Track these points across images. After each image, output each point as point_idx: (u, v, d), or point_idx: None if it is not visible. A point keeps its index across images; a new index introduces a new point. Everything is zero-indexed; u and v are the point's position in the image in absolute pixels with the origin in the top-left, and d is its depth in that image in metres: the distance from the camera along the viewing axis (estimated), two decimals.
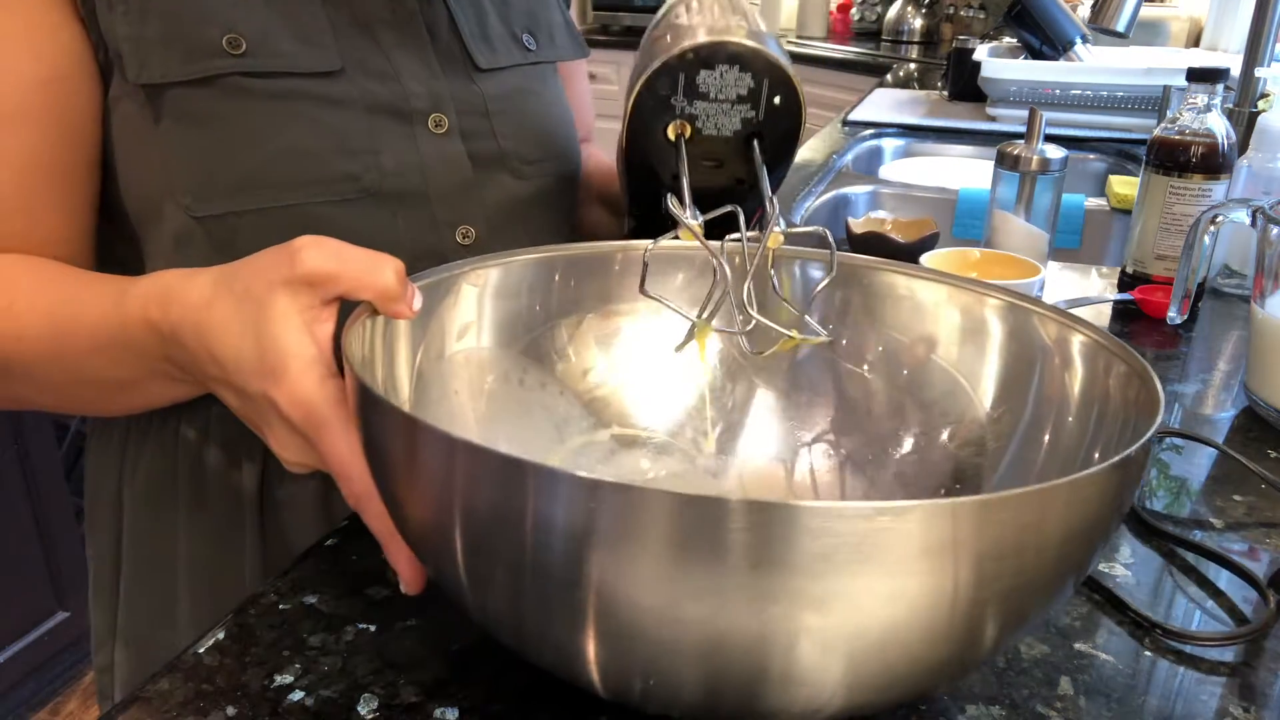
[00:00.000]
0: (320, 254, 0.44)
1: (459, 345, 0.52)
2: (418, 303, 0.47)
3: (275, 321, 0.44)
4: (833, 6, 3.32)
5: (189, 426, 0.64)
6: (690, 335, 0.54)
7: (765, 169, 0.55)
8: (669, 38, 0.55)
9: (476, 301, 0.53)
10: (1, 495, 1.57)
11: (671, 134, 0.56)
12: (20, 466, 1.59)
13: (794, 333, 0.52)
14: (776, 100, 0.56)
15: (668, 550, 0.31)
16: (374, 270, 0.44)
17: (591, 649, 0.35)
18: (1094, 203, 1.33)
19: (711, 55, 0.54)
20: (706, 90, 0.55)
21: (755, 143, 0.57)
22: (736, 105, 0.56)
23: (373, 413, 0.38)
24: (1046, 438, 0.49)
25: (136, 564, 0.68)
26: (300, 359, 0.43)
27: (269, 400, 0.44)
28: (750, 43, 0.54)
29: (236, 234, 0.58)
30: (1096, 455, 0.45)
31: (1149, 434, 0.37)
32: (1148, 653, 0.48)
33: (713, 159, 0.58)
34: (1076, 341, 0.48)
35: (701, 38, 0.54)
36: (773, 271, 0.55)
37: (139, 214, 0.59)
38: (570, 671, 0.37)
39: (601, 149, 0.87)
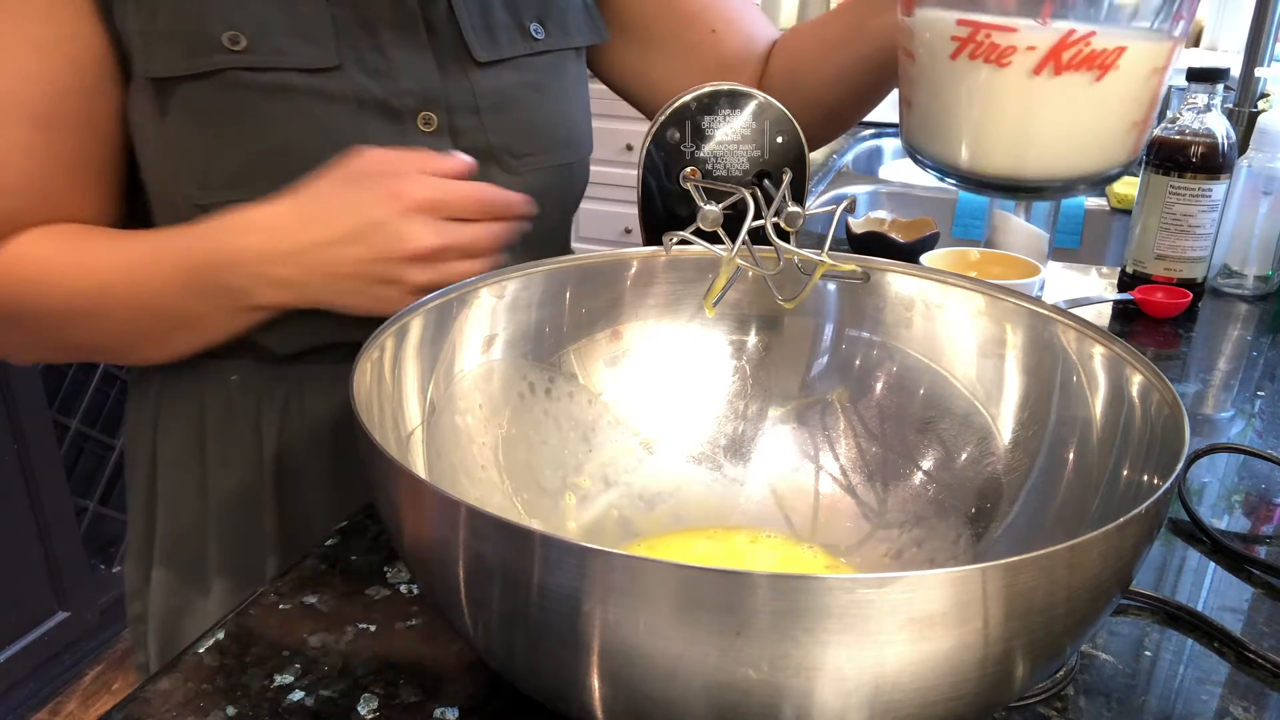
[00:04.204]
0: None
1: (479, 359, 0.52)
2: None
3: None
4: (833, 5, 3.32)
5: (214, 393, 0.68)
6: (720, 274, 0.54)
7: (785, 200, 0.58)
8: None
9: (493, 314, 0.53)
10: (1, 495, 1.57)
11: (684, 180, 0.60)
12: (20, 466, 1.59)
13: (825, 256, 0.52)
14: (779, 139, 0.60)
15: (678, 617, 0.30)
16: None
17: (597, 702, 0.35)
18: (1094, 203, 1.33)
19: (712, 100, 0.60)
20: (712, 134, 0.60)
21: (770, 179, 0.61)
22: (742, 146, 0.60)
23: (377, 463, 0.38)
24: (1071, 455, 0.48)
25: (169, 518, 0.71)
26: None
27: (410, 201, 0.54)
28: (744, 87, 0.60)
29: None
30: (1125, 472, 0.44)
31: (1173, 478, 0.36)
32: (1147, 653, 0.48)
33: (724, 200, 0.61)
34: (1098, 354, 0.47)
35: (701, 89, 0.60)
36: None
37: (155, 198, 0.63)
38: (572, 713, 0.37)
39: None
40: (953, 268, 0.88)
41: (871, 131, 1.69)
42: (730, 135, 0.60)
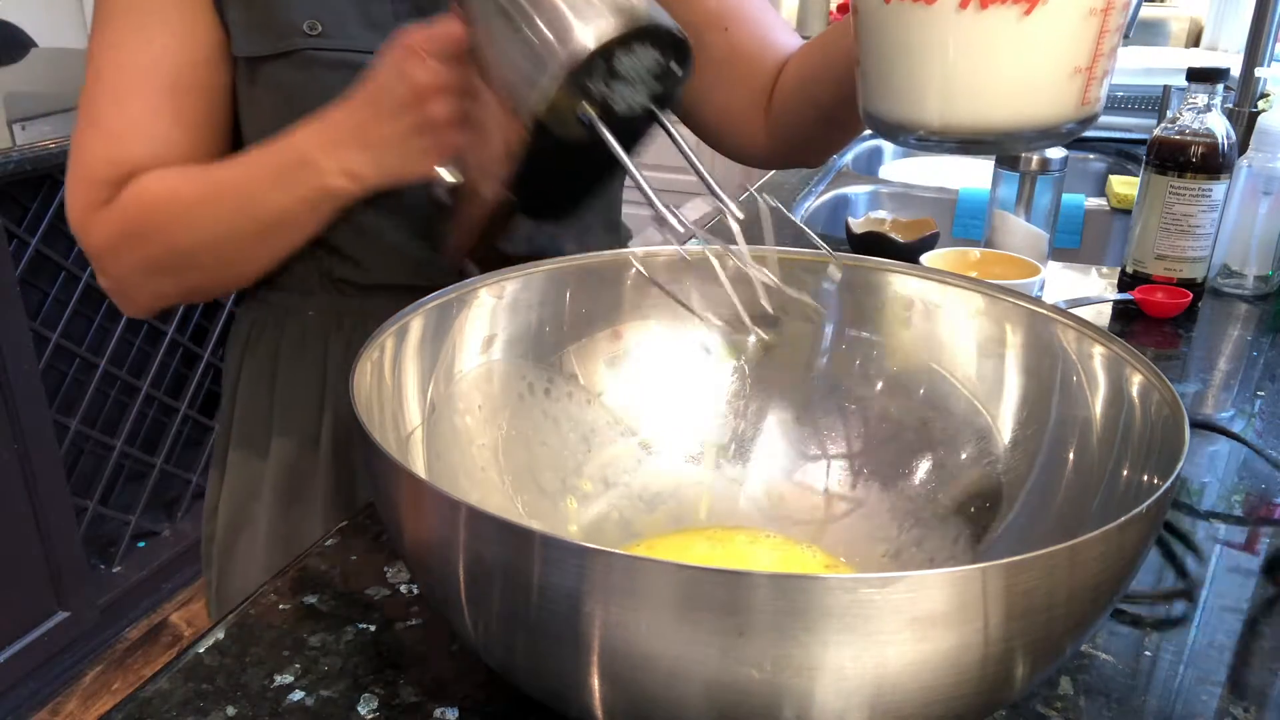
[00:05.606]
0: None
1: (478, 359, 0.52)
2: None
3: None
4: (833, 6, 3.32)
5: (293, 325, 0.79)
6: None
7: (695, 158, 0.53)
8: (571, 21, 0.51)
9: (493, 314, 0.53)
10: (1, 495, 1.57)
11: (587, 115, 0.53)
12: (20, 466, 1.59)
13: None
14: (675, 67, 0.54)
15: (679, 617, 0.31)
16: None
17: (597, 702, 0.35)
18: (1094, 203, 1.33)
19: (636, 37, 0.52)
20: (624, 73, 0.53)
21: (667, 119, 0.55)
22: (645, 82, 0.54)
23: (377, 463, 0.38)
24: (1071, 455, 0.48)
25: (240, 441, 0.83)
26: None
27: (404, 49, 0.60)
28: (665, 22, 0.52)
29: None
30: (1125, 472, 0.44)
31: (1173, 478, 0.36)
32: (1147, 653, 0.48)
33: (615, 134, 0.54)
34: (1098, 354, 0.47)
35: (623, 22, 0.51)
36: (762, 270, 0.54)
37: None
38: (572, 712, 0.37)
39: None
40: (953, 268, 0.88)
41: (871, 131, 1.69)
42: (638, 73, 0.54)
